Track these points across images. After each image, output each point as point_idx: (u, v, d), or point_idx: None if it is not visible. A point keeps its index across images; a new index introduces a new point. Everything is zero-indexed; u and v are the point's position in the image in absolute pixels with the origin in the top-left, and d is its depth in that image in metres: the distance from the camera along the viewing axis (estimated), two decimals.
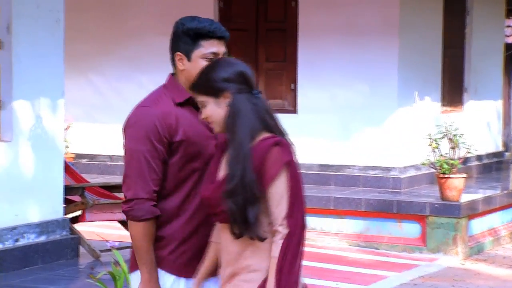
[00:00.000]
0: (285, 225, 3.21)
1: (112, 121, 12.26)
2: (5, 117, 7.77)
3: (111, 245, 6.40)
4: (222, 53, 3.45)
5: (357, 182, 11.35)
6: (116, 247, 6.44)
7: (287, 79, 11.87)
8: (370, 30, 11.28)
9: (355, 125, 11.41)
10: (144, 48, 12.29)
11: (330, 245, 10.40)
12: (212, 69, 3.32)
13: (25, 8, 7.85)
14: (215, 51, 3.43)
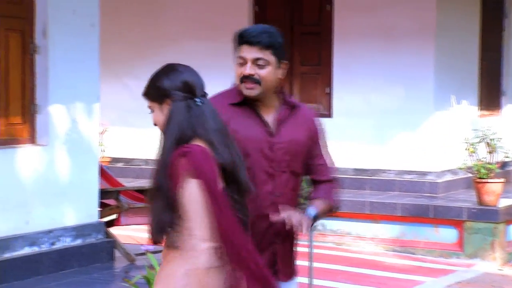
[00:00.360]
0: (195, 239, 3.18)
1: (147, 125, 12.24)
2: (41, 121, 7.84)
3: (146, 248, 6.43)
4: (250, 58, 3.57)
5: (393, 186, 11.29)
6: (151, 250, 6.46)
7: (322, 82, 11.85)
8: (406, 33, 11.23)
9: (391, 129, 11.36)
10: (179, 52, 12.33)
11: (365, 250, 10.36)
12: (157, 76, 3.38)
13: (61, 13, 7.91)
14: (242, 56, 3.58)
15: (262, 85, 3.58)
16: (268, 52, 3.58)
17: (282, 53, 3.62)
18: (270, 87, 3.61)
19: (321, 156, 3.72)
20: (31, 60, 7.79)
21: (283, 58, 3.63)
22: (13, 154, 7.53)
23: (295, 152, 3.63)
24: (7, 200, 7.41)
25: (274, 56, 3.59)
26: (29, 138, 7.80)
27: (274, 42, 3.60)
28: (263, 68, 3.58)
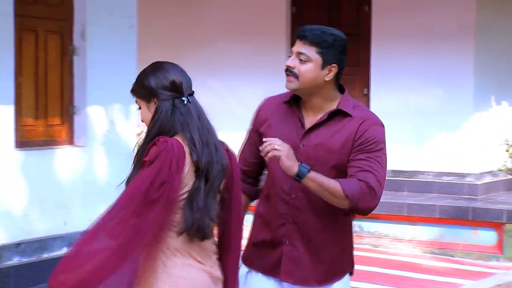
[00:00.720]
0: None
1: None
2: (79, 122, 7.91)
3: None
4: (295, 51, 3.61)
5: (431, 188, 11.23)
6: None
7: (360, 84, 11.82)
8: (445, 34, 11.17)
9: (429, 130, 11.30)
10: (216, 53, 12.38)
11: (403, 252, 10.32)
12: (145, 74, 3.40)
13: (100, 15, 7.98)
14: (292, 49, 3.64)
15: (300, 80, 3.58)
16: (312, 50, 3.58)
17: (331, 55, 3.59)
18: (310, 85, 3.59)
19: (360, 163, 3.53)
20: (69, 62, 7.86)
21: (331, 61, 3.59)
22: (51, 155, 7.61)
23: (320, 157, 3.57)
24: (45, 200, 7.49)
25: (319, 56, 3.58)
26: (68, 139, 7.88)
27: (322, 41, 3.58)
28: (304, 63, 3.58)
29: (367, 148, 3.54)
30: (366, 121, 3.59)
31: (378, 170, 3.52)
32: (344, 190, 3.45)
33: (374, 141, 3.56)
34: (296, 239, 3.61)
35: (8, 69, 7.20)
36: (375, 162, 3.52)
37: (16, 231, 7.26)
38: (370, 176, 3.49)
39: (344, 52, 3.66)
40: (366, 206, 3.48)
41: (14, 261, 7.20)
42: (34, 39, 7.58)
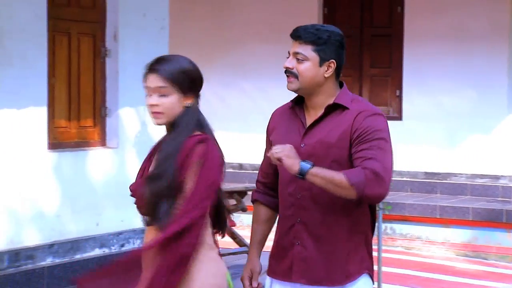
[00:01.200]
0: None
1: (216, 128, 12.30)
2: (111, 124, 7.96)
3: None
4: (291, 52, 3.62)
5: (464, 190, 11.18)
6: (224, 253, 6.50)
7: (392, 85, 11.79)
8: (479, 34, 11.11)
9: (462, 132, 11.25)
10: (248, 55, 12.40)
11: (436, 255, 10.28)
12: (190, 66, 3.47)
13: (132, 16, 8.03)
14: (289, 51, 3.64)
15: (300, 80, 3.57)
16: (308, 48, 3.57)
17: (328, 52, 3.57)
18: (311, 84, 3.58)
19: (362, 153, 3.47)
20: (101, 64, 7.92)
21: (329, 57, 3.58)
22: (84, 157, 7.67)
23: (321, 154, 3.55)
24: (78, 202, 7.55)
25: (316, 53, 3.56)
26: (100, 140, 7.93)
27: (317, 39, 3.56)
28: (301, 63, 3.58)
29: (367, 138, 3.50)
30: (362, 113, 3.56)
31: (383, 158, 3.46)
32: (349, 179, 3.40)
33: (373, 130, 3.52)
34: (306, 239, 3.62)
35: (41, 71, 7.27)
36: (377, 149, 3.47)
37: (49, 232, 7.32)
38: (374, 163, 3.43)
39: (342, 47, 3.63)
40: (374, 193, 3.42)
41: (47, 262, 7.26)
42: (67, 41, 7.64)
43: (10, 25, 6.99)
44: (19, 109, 7.11)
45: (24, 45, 7.10)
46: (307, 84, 3.58)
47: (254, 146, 12.41)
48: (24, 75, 7.10)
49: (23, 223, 7.10)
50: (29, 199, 7.17)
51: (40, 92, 7.27)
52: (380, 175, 3.41)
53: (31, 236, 7.18)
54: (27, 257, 7.10)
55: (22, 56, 7.09)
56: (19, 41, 7.06)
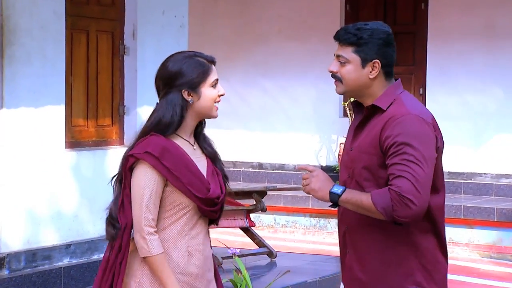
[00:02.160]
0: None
1: (236, 126, 12.40)
2: (129, 122, 7.95)
3: (232, 252, 6.46)
4: (335, 55, 3.56)
5: (489, 190, 11.11)
6: (237, 254, 6.48)
7: (416, 83, 11.75)
8: (506, 31, 11.03)
9: (488, 131, 11.18)
10: (270, 53, 12.38)
11: (460, 256, 10.23)
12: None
13: (151, 14, 8.02)
14: (334, 53, 3.58)
15: (344, 83, 3.53)
16: (348, 50, 3.51)
17: (370, 52, 3.49)
18: (355, 86, 3.53)
19: (392, 169, 3.36)
20: (120, 62, 7.91)
21: (372, 57, 3.50)
22: (102, 156, 7.66)
23: (358, 159, 3.49)
24: (95, 201, 7.55)
25: (357, 55, 3.50)
26: (118, 139, 7.92)
27: (357, 40, 3.50)
28: (344, 66, 3.53)
29: (395, 150, 3.37)
30: (391, 118, 3.43)
31: (413, 173, 3.31)
32: (376, 204, 3.35)
33: (401, 140, 3.37)
34: (351, 247, 3.57)
35: (60, 69, 7.27)
36: (408, 163, 3.33)
37: (66, 232, 7.33)
38: (402, 182, 3.32)
39: (388, 44, 3.53)
40: (402, 216, 3.32)
41: (64, 262, 7.27)
42: (86, 39, 7.64)
43: (28, 23, 6.99)
44: (37, 108, 7.11)
45: (42, 43, 7.10)
46: (352, 87, 3.53)
47: (274, 145, 12.39)
48: (42, 74, 7.11)
49: (40, 223, 7.11)
50: (46, 199, 7.17)
51: (58, 91, 7.27)
52: (408, 197, 3.30)
53: (48, 236, 7.19)
54: (44, 258, 7.10)
55: (41, 54, 7.10)
56: (38, 39, 7.07)
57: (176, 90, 3.53)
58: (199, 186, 3.49)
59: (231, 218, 7.98)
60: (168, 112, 3.50)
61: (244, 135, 12.44)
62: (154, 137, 3.49)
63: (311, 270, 7.87)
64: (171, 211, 3.51)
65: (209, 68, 3.58)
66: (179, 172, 3.46)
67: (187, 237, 3.52)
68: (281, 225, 11.40)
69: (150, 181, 3.45)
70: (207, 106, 3.57)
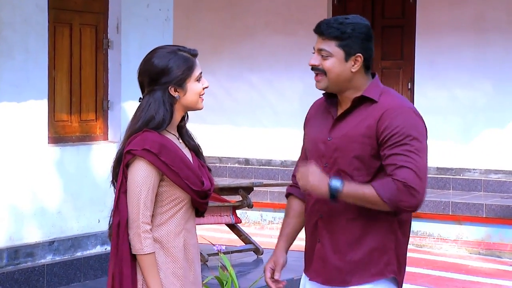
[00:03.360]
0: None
1: (222, 121, 12.40)
2: (114, 117, 7.94)
3: (218, 248, 6.46)
4: (316, 48, 3.60)
5: (478, 186, 11.15)
6: (223, 251, 6.49)
7: (404, 77, 11.77)
8: (496, 25, 11.07)
9: (477, 126, 11.22)
10: (257, 46, 12.38)
11: (448, 253, 10.26)
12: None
13: (135, 7, 8.00)
14: (314, 47, 3.62)
15: (328, 76, 3.56)
16: (332, 44, 3.55)
17: (353, 46, 3.54)
18: (339, 80, 3.56)
19: (394, 159, 3.43)
20: (104, 56, 7.90)
21: (355, 51, 3.54)
22: (86, 151, 7.65)
23: (345, 149, 3.53)
24: (79, 198, 7.54)
25: (340, 48, 3.54)
26: (102, 134, 7.91)
27: (340, 34, 3.54)
28: (326, 59, 3.56)
29: (397, 140, 3.45)
30: (390, 110, 3.49)
31: (416, 163, 3.41)
32: (380, 196, 3.41)
33: (404, 131, 3.45)
34: (325, 236, 3.60)
35: (42, 63, 7.25)
36: (410, 154, 3.42)
37: (50, 229, 7.32)
38: (406, 173, 3.40)
39: (368, 39, 3.57)
40: (407, 206, 3.42)
41: (47, 260, 7.25)
42: (69, 33, 7.62)
43: (10, 17, 6.97)
44: (19, 102, 7.09)
45: (25, 36, 7.08)
46: (335, 80, 3.56)
47: (261, 141, 12.40)
48: (24, 68, 7.09)
49: (22, 219, 7.09)
50: (29, 195, 7.16)
51: (41, 85, 7.25)
52: (413, 187, 3.40)
53: (31, 233, 7.17)
54: (26, 255, 7.09)
55: (23, 48, 7.08)
56: (20, 33, 7.05)
57: (162, 87, 3.57)
58: (194, 180, 3.56)
59: (217, 215, 7.99)
60: (160, 110, 3.55)
61: (230, 130, 12.45)
62: (149, 133, 3.52)
63: (298, 266, 7.84)
64: (168, 205, 3.57)
65: (194, 63, 3.63)
66: (177, 167, 3.53)
67: (184, 231, 3.60)
68: (268, 222, 11.42)
69: (147, 178, 3.51)
70: (193, 100, 3.63)
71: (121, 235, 3.52)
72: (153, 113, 3.55)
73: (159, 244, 3.54)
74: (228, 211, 8.09)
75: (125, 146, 3.57)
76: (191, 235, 3.63)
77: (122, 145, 3.61)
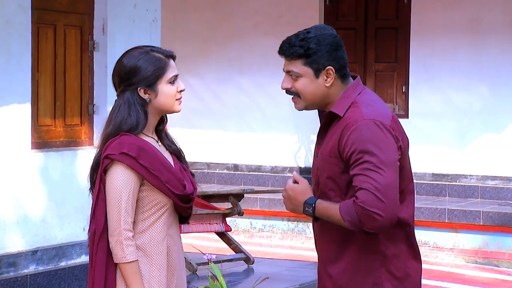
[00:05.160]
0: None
1: (210, 126, 12.40)
2: (99, 122, 7.93)
3: (208, 258, 6.46)
4: (285, 71, 3.50)
5: (475, 193, 11.18)
6: (213, 260, 6.49)
7: (398, 81, 11.79)
8: (492, 27, 11.10)
9: (473, 131, 11.25)
10: (246, 49, 12.39)
11: (444, 262, 10.28)
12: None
13: (122, 7, 8.01)
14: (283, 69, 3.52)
15: (303, 98, 3.48)
16: (298, 63, 3.45)
17: (320, 60, 3.44)
18: (316, 98, 3.49)
19: (355, 180, 3.37)
20: (89, 58, 7.91)
21: (324, 65, 3.45)
22: (70, 157, 7.65)
23: (322, 168, 3.50)
24: (63, 205, 7.53)
25: (308, 66, 3.45)
26: (87, 140, 7.91)
27: (304, 52, 3.44)
28: (296, 80, 3.47)
29: (354, 160, 3.37)
30: (348, 125, 3.42)
31: (372, 182, 3.32)
32: (343, 218, 3.38)
33: (358, 147, 3.37)
34: (319, 255, 3.61)
35: (25, 66, 7.25)
36: (368, 172, 3.34)
37: (33, 238, 7.31)
38: (364, 195, 3.33)
39: (337, 48, 3.48)
40: (370, 228, 3.34)
41: (30, 269, 7.25)
42: (53, 34, 7.62)
43: None
44: (1, 107, 7.09)
45: (7, 38, 7.07)
46: (311, 100, 3.49)
47: (250, 146, 12.41)
48: (7, 70, 7.08)
49: (5, 228, 7.08)
50: (12, 202, 7.14)
51: (24, 88, 7.25)
52: (371, 210, 3.31)
53: (14, 242, 7.16)
54: (9, 264, 7.08)
55: (5, 49, 7.07)
56: (2, 34, 7.05)
57: (132, 88, 3.53)
58: (176, 183, 3.54)
59: (206, 223, 7.99)
60: (131, 112, 3.52)
61: (218, 135, 12.45)
62: (126, 136, 3.50)
63: (290, 276, 7.90)
64: (150, 211, 3.54)
65: (166, 64, 3.57)
66: (157, 170, 3.50)
67: (167, 237, 3.58)
68: (258, 230, 11.42)
69: (127, 183, 3.48)
70: (167, 103, 3.60)
71: (95, 243, 3.50)
72: (123, 115, 3.51)
73: (142, 252, 3.52)
74: (218, 219, 8.09)
75: (102, 151, 3.52)
76: (174, 241, 3.62)
77: (98, 150, 3.57)
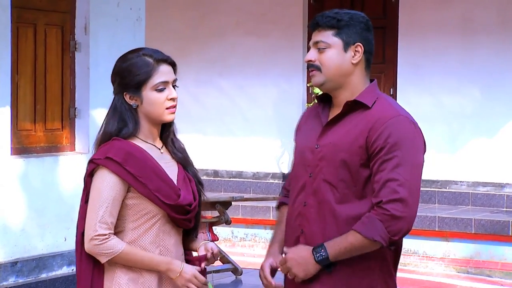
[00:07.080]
0: None
1: (189, 130, 12.37)
2: (81, 126, 7.95)
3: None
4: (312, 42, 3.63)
5: (466, 200, 11.25)
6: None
7: (386, 83, 11.85)
8: (484, 27, 11.18)
9: (464, 135, 11.31)
10: (227, 48, 12.39)
11: (434, 271, 10.33)
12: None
13: (104, 6, 8.03)
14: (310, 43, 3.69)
15: (324, 71, 3.56)
16: (329, 34, 3.56)
17: (352, 34, 3.54)
18: (337, 74, 3.56)
19: (381, 171, 3.46)
20: (71, 59, 7.93)
21: (354, 40, 3.55)
22: (52, 163, 7.66)
23: (332, 158, 3.53)
24: (44, 214, 7.53)
25: (338, 38, 3.55)
26: (68, 145, 7.94)
27: (337, 22, 3.55)
28: (323, 51, 3.57)
29: (384, 154, 3.45)
30: (380, 120, 3.50)
31: (401, 180, 3.43)
32: (368, 237, 3.43)
33: (390, 142, 3.46)
34: None
35: (4, 67, 7.26)
36: (396, 168, 3.44)
37: (12, 249, 7.31)
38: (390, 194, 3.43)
39: (368, 29, 3.59)
40: (400, 235, 3.45)
41: (10, 282, 7.24)
42: (33, 34, 7.64)
43: None
44: None
45: None
46: (333, 74, 3.55)
47: (231, 151, 12.41)
48: None
49: None
50: None
51: (3, 91, 7.26)
52: (396, 215, 3.41)
53: None
54: None
55: None
56: None
57: (119, 92, 3.56)
58: (168, 192, 3.51)
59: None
60: (117, 116, 3.55)
61: (197, 139, 12.44)
62: (117, 141, 3.51)
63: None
64: (140, 220, 3.53)
65: (153, 69, 3.56)
66: (145, 177, 3.48)
67: (161, 249, 3.55)
68: (240, 239, 11.43)
69: (110, 189, 3.48)
70: (154, 111, 3.57)
71: (80, 246, 3.56)
72: (109, 119, 3.55)
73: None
74: (204, 228, 8.12)
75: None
76: (171, 255, 3.57)
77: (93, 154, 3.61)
